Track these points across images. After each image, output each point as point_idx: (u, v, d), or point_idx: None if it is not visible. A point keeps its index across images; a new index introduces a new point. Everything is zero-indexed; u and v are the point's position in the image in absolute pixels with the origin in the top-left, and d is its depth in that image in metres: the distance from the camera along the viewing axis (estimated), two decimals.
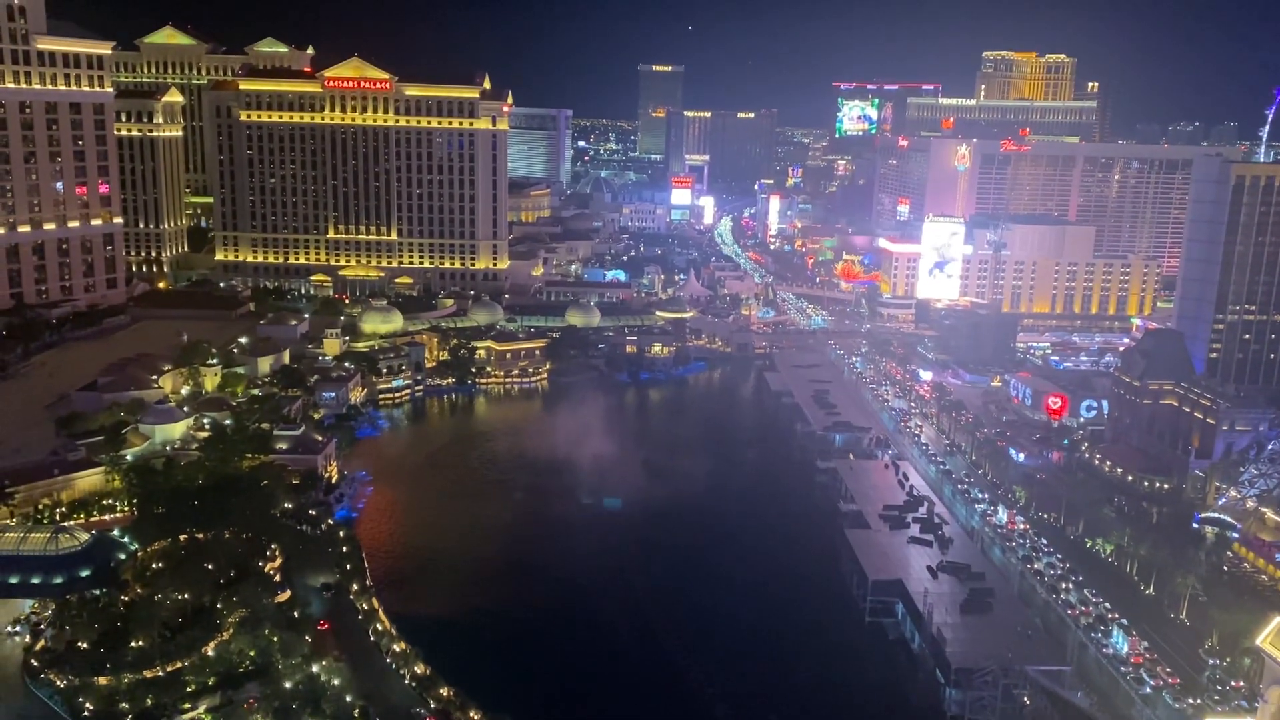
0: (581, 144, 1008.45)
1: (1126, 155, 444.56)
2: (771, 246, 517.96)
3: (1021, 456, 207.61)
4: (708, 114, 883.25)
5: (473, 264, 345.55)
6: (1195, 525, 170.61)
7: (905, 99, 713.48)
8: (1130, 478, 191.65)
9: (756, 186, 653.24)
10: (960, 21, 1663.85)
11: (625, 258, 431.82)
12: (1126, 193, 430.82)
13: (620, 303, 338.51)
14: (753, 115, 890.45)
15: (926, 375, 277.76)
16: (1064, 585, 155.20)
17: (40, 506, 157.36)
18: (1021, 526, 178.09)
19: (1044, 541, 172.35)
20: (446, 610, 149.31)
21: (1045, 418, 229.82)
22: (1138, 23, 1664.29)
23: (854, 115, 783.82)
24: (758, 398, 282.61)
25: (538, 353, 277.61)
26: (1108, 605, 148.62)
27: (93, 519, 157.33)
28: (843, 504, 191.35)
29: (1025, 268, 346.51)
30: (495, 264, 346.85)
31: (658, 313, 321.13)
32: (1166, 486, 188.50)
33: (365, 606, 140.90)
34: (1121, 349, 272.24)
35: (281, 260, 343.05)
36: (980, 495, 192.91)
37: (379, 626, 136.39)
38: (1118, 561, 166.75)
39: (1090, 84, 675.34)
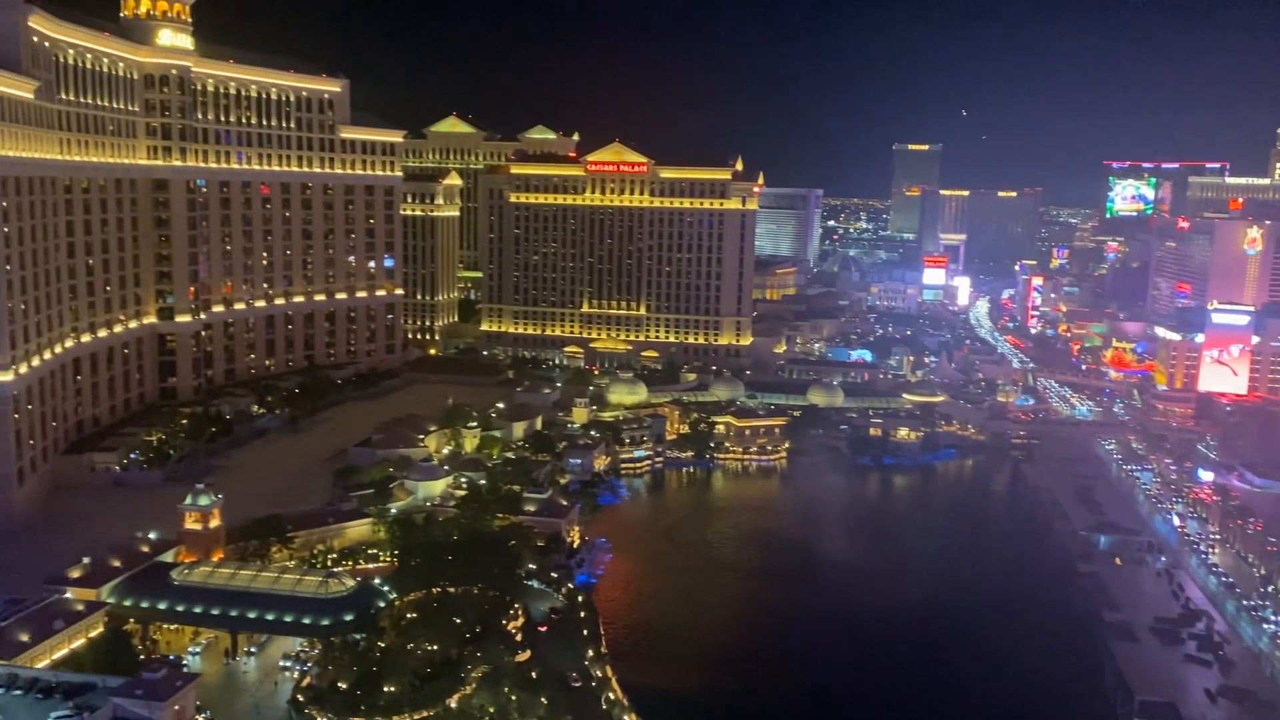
0: (831, 223, 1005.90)
1: None
2: (1032, 331, 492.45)
3: None
4: (965, 192, 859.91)
5: (716, 339, 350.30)
6: None
7: (1186, 178, 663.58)
8: None
9: (1017, 267, 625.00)
10: (1252, 96, 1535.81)
11: (872, 337, 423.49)
12: None
13: (865, 383, 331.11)
14: (1014, 194, 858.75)
15: (1207, 476, 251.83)
16: None
17: (315, 551, 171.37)
18: None
19: None
20: (679, 685, 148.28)
21: None
22: None
23: (1127, 195, 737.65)
24: (1012, 491, 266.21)
25: (777, 430, 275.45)
26: None
27: (358, 566, 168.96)
28: (1107, 613, 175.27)
29: None
30: (738, 340, 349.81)
31: (905, 395, 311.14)
32: None
33: (599, 674, 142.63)
34: None
35: (539, 332, 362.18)
36: (1272, 615, 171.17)
37: (611, 695, 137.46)
38: None
39: None
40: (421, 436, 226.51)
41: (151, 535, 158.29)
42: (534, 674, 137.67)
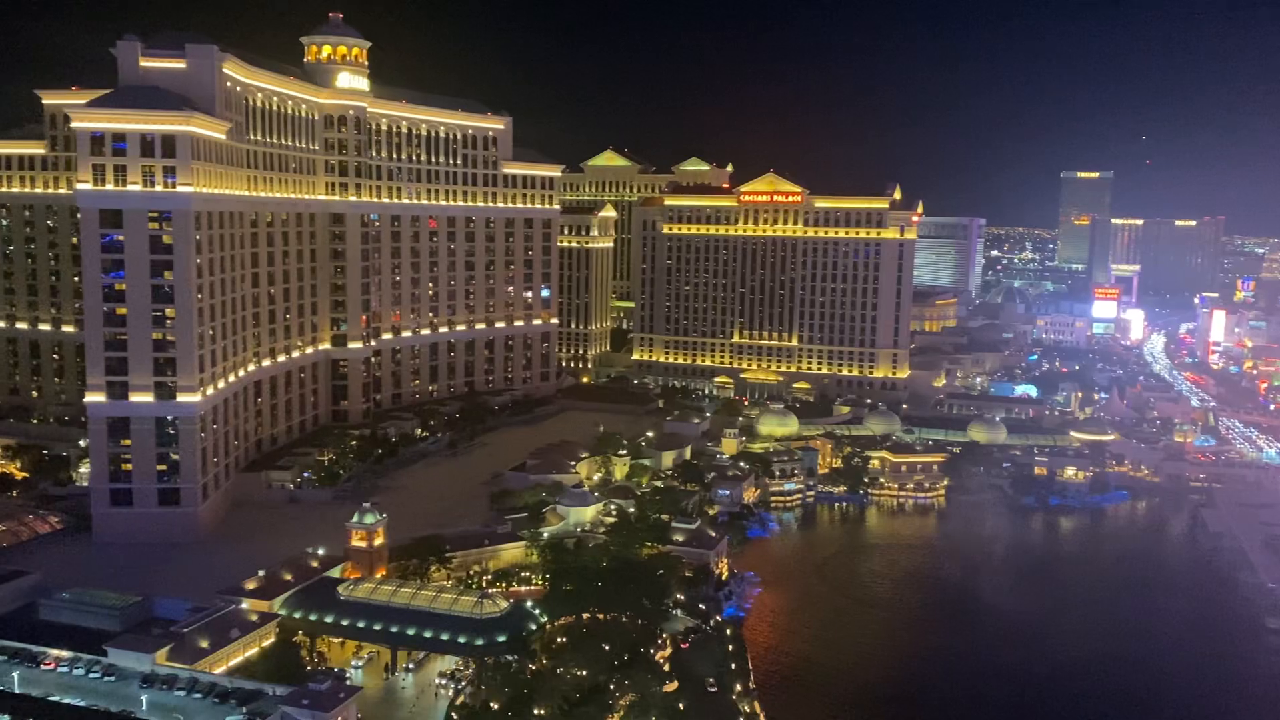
0: (994, 253, 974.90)
1: None
2: (1214, 367, 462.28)
3: None
4: (1139, 221, 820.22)
5: (871, 372, 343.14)
6: None
7: None
8: None
9: (1197, 300, 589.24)
10: None
11: (1037, 372, 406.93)
12: None
13: (1030, 420, 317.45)
14: (1193, 223, 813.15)
15: None
16: None
17: (471, 572, 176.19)
18: None
19: None
20: None
21: None
22: None
23: None
24: (1190, 538, 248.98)
25: (935, 467, 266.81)
26: None
27: (511, 588, 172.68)
28: None
29: None
30: (894, 373, 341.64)
31: (1073, 433, 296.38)
32: None
33: (747, 709, 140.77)
34: None
35: (689, 361, 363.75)
36: None
37: None
38: None
39: None
40: (574, 463, 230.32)
41: (320, 551, 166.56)
42: (681, 705, 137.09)
